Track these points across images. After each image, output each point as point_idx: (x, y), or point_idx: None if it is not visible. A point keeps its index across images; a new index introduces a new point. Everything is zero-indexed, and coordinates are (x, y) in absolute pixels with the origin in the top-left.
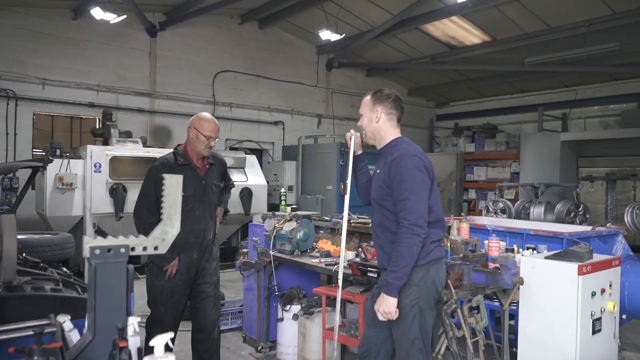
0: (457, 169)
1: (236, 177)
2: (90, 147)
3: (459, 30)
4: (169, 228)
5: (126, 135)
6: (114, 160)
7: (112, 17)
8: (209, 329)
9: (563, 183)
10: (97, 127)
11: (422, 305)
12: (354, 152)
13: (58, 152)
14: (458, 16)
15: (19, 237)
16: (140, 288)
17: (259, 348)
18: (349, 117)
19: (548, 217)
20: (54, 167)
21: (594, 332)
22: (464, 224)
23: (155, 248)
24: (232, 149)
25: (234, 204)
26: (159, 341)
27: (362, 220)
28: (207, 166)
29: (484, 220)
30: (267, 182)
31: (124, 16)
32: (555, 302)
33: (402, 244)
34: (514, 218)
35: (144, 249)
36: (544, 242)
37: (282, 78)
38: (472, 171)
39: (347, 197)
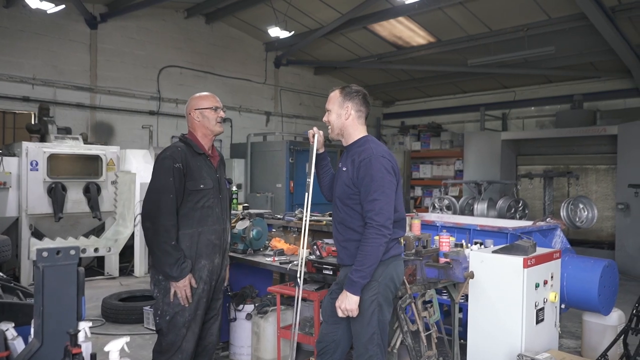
0: (405, 167)
1: None
2: (25, 144)
3: (406, 31)
4: (122, 228)
5: (65, 131)
6: (52, 158)
7: (49, 7)
8: (210, 352)
9: (504, 180)
10: (33, 122)
11: (380, 300)
12: (317, 150)
13: None
14: (405, 17)
15: None
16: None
17: None
18: (298, 115)
19: (491, 212)
20: None
21: (537, 322)
22: (416, 221)
23: (109, 250)
24: None
25: None
26: (115, 346)
27: (315, 218)
28: (218, 157)
29: (432, 217)
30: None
31: (62, 6)
32: (503, 294)
33: (368, 244)
34: (459, 214)
35: (96, 250)
36: (490, 237)
37: (229, 74)
38: (418, 169)
39: (308, 195)
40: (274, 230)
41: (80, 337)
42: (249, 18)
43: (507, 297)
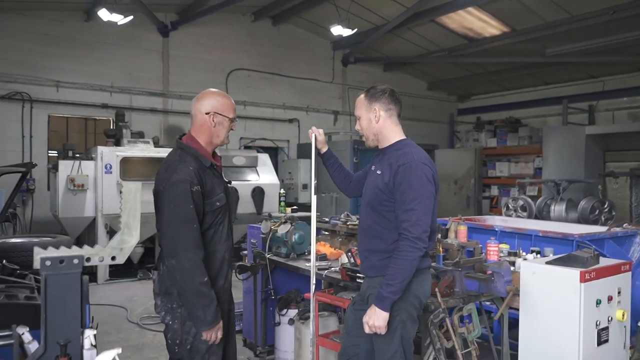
0: (476, 165)
1: (248, 176)
2: (100, 148)
3: (477, 22)
4: (128, 237)
5: (138, 135)
6: (125, 161)
7: (119, 18)
8: None
9: (586, 179)
10: (111, 128)
11: (404, 317)
12: (319, 150)
13: (70, 153)
14: (474, 7)
15: (12, 240)
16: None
17: (257, 352)
18: None
19: (571, 215)
20: (66, 169)
21: (599, 343)
22: (462, 227)
23: (113, 258)
24: (246, 147)
25: (246, 204)
26: (105, 358)
27: (352, 222)
28: (221, 162)
29: (495, 221)
30: (282, 181)
31: (131, 17)
32: (557, 311)
33: (402, 257)
34: (535, 216)
35: (101, 259)
36: (553, 244)
37: (297, 75)
38: (494, 167)
39: (314, 198)
40: (325, 233)
41: (86, 344)
42: (315, 18)
43: (562, 315)
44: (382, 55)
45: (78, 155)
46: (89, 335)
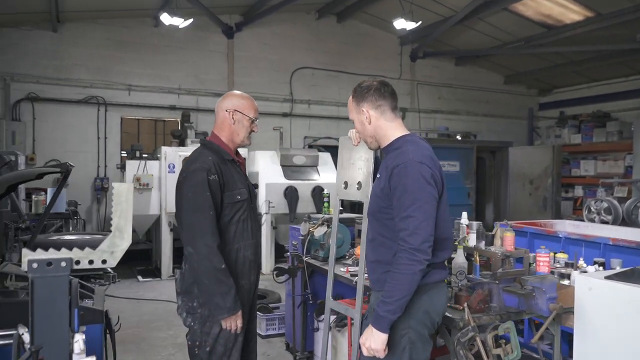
0: (554, 164)
1: (309, 175)
2: (164, 149)
3: (555, 7)
4: (119, 240)
5: (202, 135)
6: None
7: (179, 22)
8: None
9: None
10: (177, 128)
11: (413, 336)
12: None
13: (138, 153)
14: None
15: (65, 238)
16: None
17: (296, 358)
18: (437, 109)
19: None
20: (132, 169)
21: None
22: (508, 233)
23: (104, 262)
24: (310, 146)
25: (306, 203)
26: None
27: None
28: (245, 162)
29: (564, 226)
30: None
31: (191, 20)
32: (618, 335)
33: (400, 271)
34: (623, 220)
35: (90, 262)
36: (625, 255)
37: (362, 72)
38: (579, 165)
39: (337, 200)
40: None
41: (76, 349)
42: (380, 12)
43: (624, 339)
44: (453, 48)
45: (145, 155)
46: (78, 339)
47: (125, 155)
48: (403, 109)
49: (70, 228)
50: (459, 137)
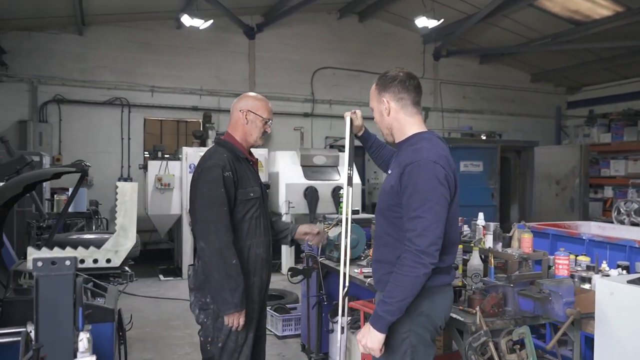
0: (581, 163)
1: (329, 175)
2: (185, 149)
3: (583, 3)
4: (123, 240)
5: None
6: None
7: (200, 23)
8: None
9: None
10: (199, 129)
11: (414, 340)
12: (356, 134)
13: (159, 154)
14: None
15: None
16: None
17: (311, 359)
18: (460, 109)
19: None
20: (154, 169)
21: None
22: (526, 234)
23: (108, 261)
24: (331, 147)
25: (326, 203)
26: None
27: None
28: (257, 161)
29: (589, 228)
30: (368, 180)
31: (211, 21)
32: None
33: (403, 272)
34: None
35: (95, 261)
36: None
37: (384, 71)
38: (608, 165)
39: (348, 191)
40: None
41: (80, 347)
42: (402, 11)
43: None
44: (477, 46)
45: (167, 155)
46: (82, 338)
47: (148, 155)
48: (426, 109)
49: (94, 227)
50: (483, 137)
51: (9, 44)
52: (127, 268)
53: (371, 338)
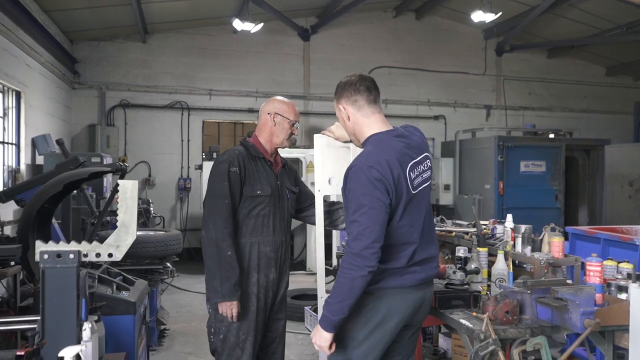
0: None
1: None
2: None
3: None
4: (124, 235)
5: None
6: None
7: (250, 27)
8: None
9: None
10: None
11: (369, 342)
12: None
13: (215, 155)
14: None
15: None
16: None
17: None
18: (526, 106)
19: None
20: (208, 169)
21: None
22: (556, 239)
23: (110, 255)
24: None
25: None
26: (69, 352)
27: (446, 228)
28: (282, 164)
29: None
30: None
31: (261, 24)
32: None
33: (342, 274)
34: None
35: (97, 255)
36: None
37: (443, 69)
38: None
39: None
40: None
41: (84, 336)
42: (461, 6)
43: None
44: (544, 39)
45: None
46: (86, 328)
47: (204, 157)
48: (487, 107)
49: (149, 224)
50: (552, 136)
51: (80, 54)
52: (169, 264)
53: (319, 337)
